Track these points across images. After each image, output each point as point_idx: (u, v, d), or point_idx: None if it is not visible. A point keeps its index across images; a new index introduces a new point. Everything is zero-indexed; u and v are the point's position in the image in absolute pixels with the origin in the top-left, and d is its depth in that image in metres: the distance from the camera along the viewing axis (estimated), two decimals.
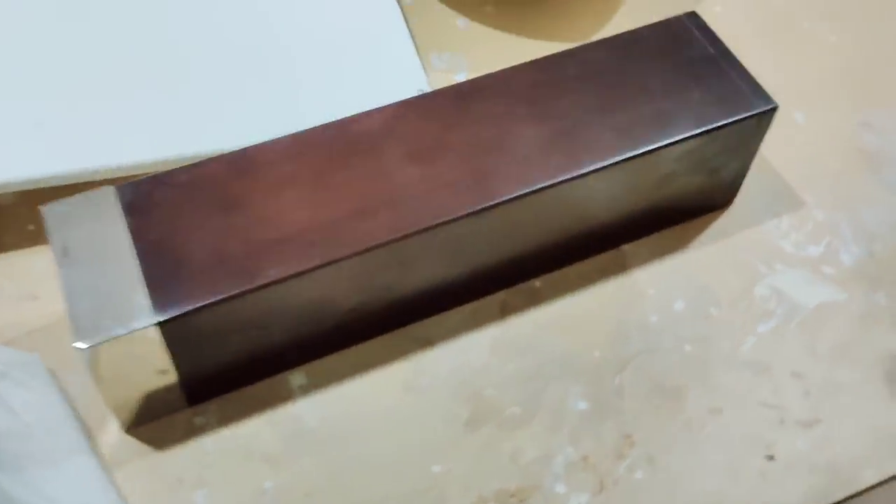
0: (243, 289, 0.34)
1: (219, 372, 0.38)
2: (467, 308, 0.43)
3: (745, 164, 0.44)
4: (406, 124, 0.40)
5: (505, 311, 0.43)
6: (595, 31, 0.54)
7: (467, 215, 0.37)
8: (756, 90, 0.42)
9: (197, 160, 0.39)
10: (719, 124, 0.40)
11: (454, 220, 0.37)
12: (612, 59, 0.42)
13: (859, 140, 0.50)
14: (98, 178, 0.40)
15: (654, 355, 0.42)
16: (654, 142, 0.40)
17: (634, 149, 0.39)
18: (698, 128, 0.40)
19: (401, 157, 0.38)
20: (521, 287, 0.44)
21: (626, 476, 0.39)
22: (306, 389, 0.40)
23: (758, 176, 0.48)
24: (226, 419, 0.39)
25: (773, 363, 0.42)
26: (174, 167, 0.38)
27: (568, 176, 0.38)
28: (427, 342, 0.42)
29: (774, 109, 0.41)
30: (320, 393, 0.40)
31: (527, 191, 0.38)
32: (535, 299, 0.43)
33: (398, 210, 0.37)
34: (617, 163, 0.39)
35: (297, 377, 0.41)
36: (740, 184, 0.46)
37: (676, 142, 0.40)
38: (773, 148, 0.49)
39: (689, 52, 0.43)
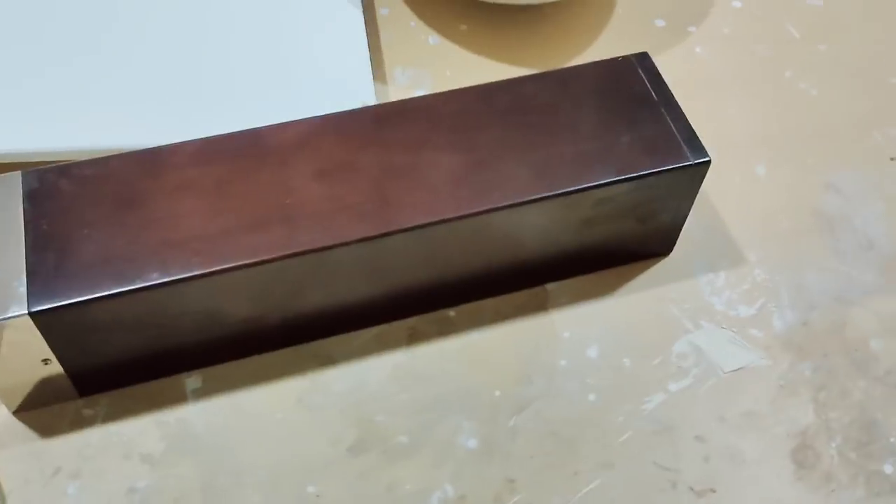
0: (121, 289, 0.35)
1: (109, 367, 0.39)
2: (374, 331, 0.42)
3: (679, 214, 0.43)
4: (320, 140, 0.39)
5: (412, 339, 0.42)
6: (566, 60, 0.53)
7: (361, 240, 0.37)
8: (691, 141, 0.40)
9: (113, 153, 0.39)
10: (642, 173, 0.39)
11: (347, 243, 0.37)
12: (547, 95, 0.41)
13: (821, 201, 0.48)
14: (6, 160, 0.41)
15: (556, 401, 0.41)
16: (569, 185, 0.38)
17: (547, 190, 0.38)
18: (619, 175, 0.39)
19: (307, 174, 0.38)
20: (434, 315, 0.43)
21: None
22: (199, 394, 0.40)
23: (703, 227, 0.46)
24: (115, 414, 0.40)
25: (678, 424, 0.40)
26: (92, 157, 0.39)
27: (473, 211, 0.38)
28: (328, 360, 0.41)
29: (707, 163, 0.40)
30: (212, 399, 0.40)
31: (427, 222, 0.37)
32: (446, 329, 0.43)
33: (293, 228, 0.37)
34: (528, 202, 0.38)
35: (192, 380, 0.41)
36: (677, 234, 0.44)
37: (593, 187, 0.39)
38: (727, 200, 0.47)
39: (628, 95, 0.41)
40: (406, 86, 0.52)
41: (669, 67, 0.53)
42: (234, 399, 0.40)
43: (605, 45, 0.54)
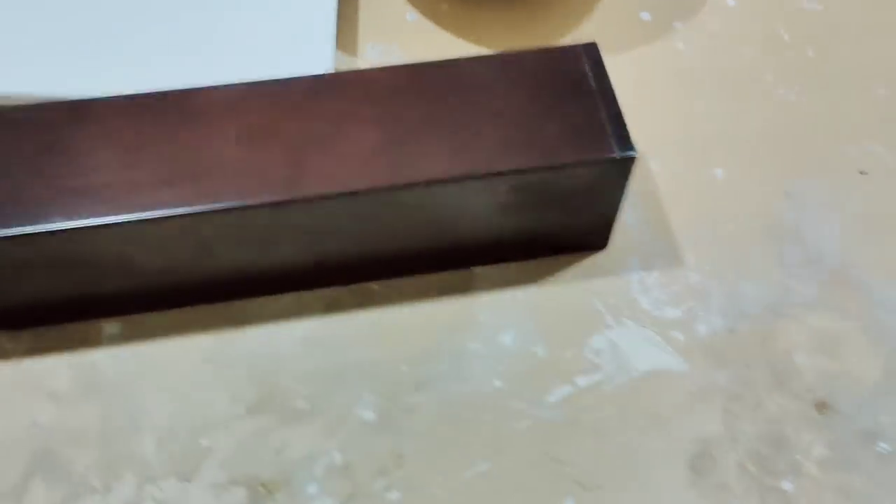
0: (25, 231, 0.36)
1: (30, 304, 0.40)
2: (293, 297, 0.43)
3: (609, 208, 0.42)
4: (249, 105, 0.40)
5: (330, 308, 0.43)
6: (544, 43, 0.52)
7: (266, 205, 0.37)
8: (620, 135, 0.39)
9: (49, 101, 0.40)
10: (561, 163, 0.38)
11: (252, 207, 0.37)
12: (482, 77, 0.41)
13: (775, 210, 0.46)
14: None
15: (460, 383, 0.41)
16: (484, 168, 0.38)
17: (461, 171, 0.38)
18: (538, 162, 0.38)
19: (229, 137, 0.39)
20: (358, 287, 0.43)
21: (380, 494, 0.38)
22: (115, 340, 0.42)
23: (646, 225, 0.45)
24: (33, 350, 0.41)
25: (578, 418, 0.40)
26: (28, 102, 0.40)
27: (382, 184, 0.38)
28: (243, 320, 0.42)
29: (632, 159, 0.39)
30: (126, 346, 0.41)
31: (335, 192, 0.37)
32: (366, 302, 0.43)
33: (203, 186, 0.37)
34: (440, 181, 0.38)
35: (111, 327, 0.42)
36: (610, 228, 0.43)
37: (509, 172, 0.38)
38: (677, 200, 0.46)
39: (566, 84, 0.41)
40: (374, 61, 0.52)
41: (646, 62, 0.52)
42: (147, 348, 0.41)
43: (584, 35, 0.53)
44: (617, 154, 0.39)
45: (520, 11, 0.54)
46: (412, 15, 0.54)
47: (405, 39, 0.53)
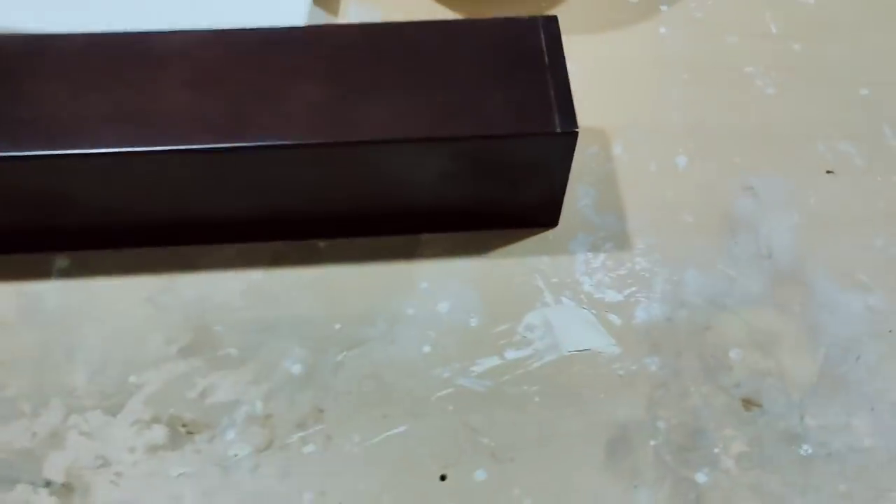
0: None
1: None
2: (239, 247, 0.43)
3: (555, 184, 0.42)
4: (203, 52, 0.40)
5: (275, 261, 0.43)
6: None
7: (203, 151, 0.38)
8: (565, 110, 0.39)
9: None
10: (501, 133, 0.38)
11: (189, 151, 0.38)
12: (435, 43, 0.41)
13: (734, 203, 0.45)
14: None
15: (390, 346, 0.41)
16: (422, 133, 0.38)
17: (400, 134, 0.38)
18: (477, 131, 0.38)
19: (178, 82, 0.39)
20: (305, 244, 0.44)
21: (296, 445, 0.38)
22: (62, 274, 0.42)
23: (600, 207, 0.45)
24: None
25: (502, 391, 0.40)
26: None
27: (316, 141, 0.38)
28: (188, 265, 0.43)
29: (574, 135, 0.39)
30: (72, 280, 0.42)
31: (270, 144, 0.38)
32: (311, 259, 0.43)
33: (145, 127, 0.38)
34: (375, 142, 0.38)
35: (60, 261, 0.43)
36: (558, 206, 0.43)
37: (447, 139, 0.38)
38: (636, 185, 0.46)
39: (518, 56, 0.40)
40: (352, 19, 0.52)
41: (626, 45, 0.51)
42: (91, 284, 0.42)
43: (569, 11, 0.53)
44: (558, 129, 0.39)
45: None
46: None
47: (388, 4, 0.53)
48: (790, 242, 0.44)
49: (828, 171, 0.46)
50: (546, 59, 0.41)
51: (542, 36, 0.41)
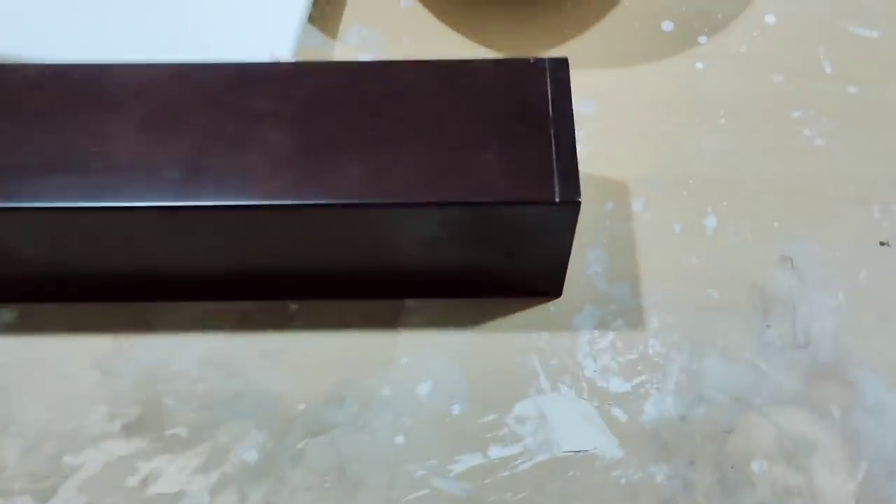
0: None
1: None
2: (205, 307, 0.39)
3: (556, 254, 0.36)
4: (165, 90, 0.35)
5: (242, 324, 0.38)
6: (541, 50, 0.46)
7: (153, 209, 0.33)
8: (568, 176, 0.33)
9: None
10: (488, 200, 0.33)
11: (137, 209, 0.33)
12: (425, 87, 0.35)
13: (768, 275, 0.39)
14: None
15: (359, 433, 0.36)
16: (399, 197, 0.33)
17: (372, 198, 0.33)
18: (463, 197, 0.33)
19: (132, 123, 0.34)
20: (274, 304, 0.39)
21: None
22: (7, 329, 0.38)
23: (612, 276, 0.39)
24: None
25: (481, 497, 0.34)
26: None
27: (282, 203, 0.33)
28: (144, 325, 0.38)
29: (576, 205, 0.33)
30: (17, 338, 0.38)
31: (228, 204, 0.33)
32: (281, 323, 0.38)
33: (90, 178, 0.33)
34: (347, 207, 0.33)
35: (7, 314, 0.38)
36: (561, 276, 0.38)
37: (427, 204, 0.33)
38: (655, 250, 0.40)
39: (520, 106, 0.35)
40: (354, 46, 0.47)
41: (657, 82, 0.45)
42: (37, 343, 0.38)
43: (591, 43, 0.46)
44: (557, 198, 0.33)
45: (528, 9, 0.48)
46: (407, 1, 0.49)
47: (393, 26, 0.48)
48: (833, 329, 0.38)
49: (882, 243, 0.40)
50: (551, 110, 0.35)
51: (549, 82, 0.36)
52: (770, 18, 0.47)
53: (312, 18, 0.48)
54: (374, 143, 0.34)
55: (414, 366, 0.37)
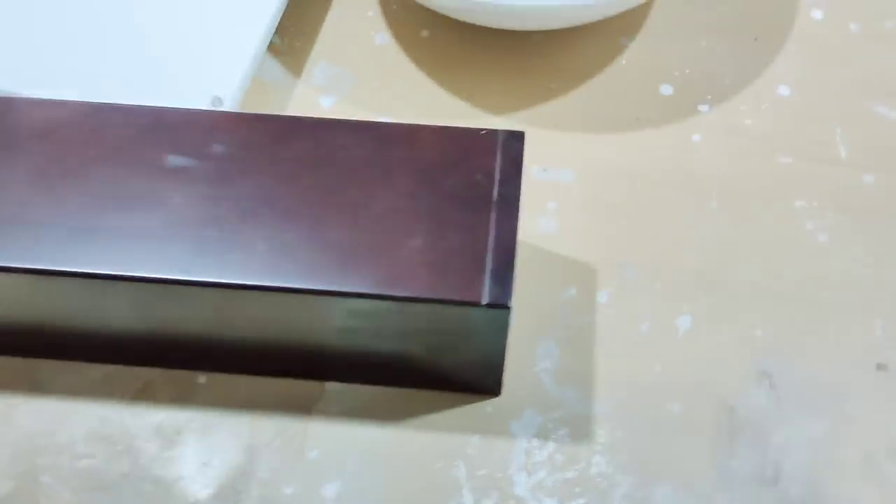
0: None
1: None
2: (105, 370, 0.35)
3: (489, 355, 0.31)
4: (69, 133, 0.32)
5: (142, 393, 0.34)
6: (519, 105, 0.42)
7: (27, 271, 0.29)
8: (500, 275, 0.29)
9: None
10: (405, 295, 0.28)
11: (13, 269, 0.29)
12: (357, 153, 0.31)
13: (740, 391, 0.34)
14: None
15: None
16: (303, 282, 0.29)
17: (271, 281, 0.29)
18: (374, 290, 0.28)
19: (24, 169, 0.31)
20: (181, 374, 0.35)
21: None
22: None
23: (564, 376, 0.34)
24: None
25: None
26: None
27: (168, 278, 0.29)
28: (35, 387, 0.34)
29: (505, 310, 0.28)
30: None
31: (106, 274, 0.29)
32: (185, 396, 0.34)
33: None
34: (239, 287, 0.29)
35: None
36: (497, 374, 0.33)
37: (336, 294, 0.29)
38: (617, 350, 0.35)
39: (463, 184, 0.30)
40: (318, 86, 0.43)
41: (644, 152, 0.40)
42: None
43: (578, 102, 0.42)
44: (485, 300, 0.28)
45: (516, 56, 0.43)
46: (383, 37, 0.45)
47: (365, 66, 0.43)
48: (808, 465, 0.32)
49: (879, 366, 0.35)
50: (496, 192, 0.30)
51: (499, 158, 0.31)
52: (784, 90, 0.42)
53: (278, 52, 0.44)
54: (288, 214, 0.30)
55: (323, 462, 0.33)
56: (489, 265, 0.29)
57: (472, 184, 0.30)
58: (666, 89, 0.42)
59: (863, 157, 0.40)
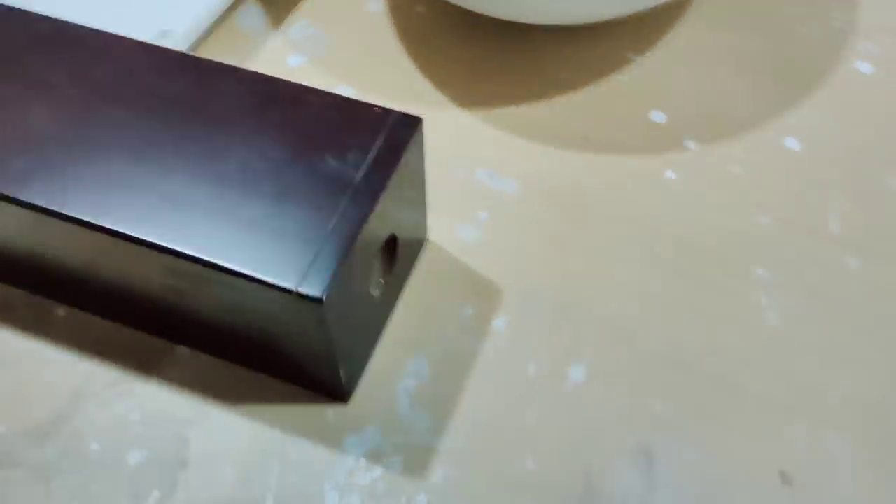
0: None
1: None
2: None
3: (318, 352, 0.28)
4: None
5: None
6: (491, 105, 0.38)
7: None
8: (324, 266, 0.25)
9: None
10: (215, 264, 0.25)
11: None
12: (242, 105, 0.28)
13: (609, 464, 0.29)
14: None
15: (34, 484, 0.30)
16: (117, 225, 0.26)
17: (81, 213, 0.26)
18: (189, 250, 0.26)
19: None
20: (42, 303, 0.33)
21: None
22: None
23: (423, 400, 0.30)
24: None
25: None
26: None
27: (8, 195, 0.27)
28: None
29: (317, 303, 0.25)
30: None
31: None
32: (39, 323, 0.33)
33: None
34: (59, 216, 0.27)
35: None
36: (336, 381, 0.29)
37: (144, 243, 0.26)
38: (492, 387, 0.31)
39: (328, 159, 0.27)
40: (291, 44, 0.40)
41: (602, 180, 0.36)
42: None
43: (558, 110, 0.38)
44: (296, 289, 0.25)
45: (509, 53, 0.40)
46: (376, 5, 0.42)
47: (347, 31, 0.41)
48: None
49: (783, 476, 0.29)
50: (360, 176, 0.27)
51: (381, 142, 0.28)
52: (792, 142, 0.36)
53: (267, 2, 0.42)
54: (135, 154, 0.28)
55: (138, 425, 0.30)
56: (317, 252, 0.25)
57: (338, 161, 0.27)
58: (657, 116, 0.37)
59: (855, 236, 0.34)
